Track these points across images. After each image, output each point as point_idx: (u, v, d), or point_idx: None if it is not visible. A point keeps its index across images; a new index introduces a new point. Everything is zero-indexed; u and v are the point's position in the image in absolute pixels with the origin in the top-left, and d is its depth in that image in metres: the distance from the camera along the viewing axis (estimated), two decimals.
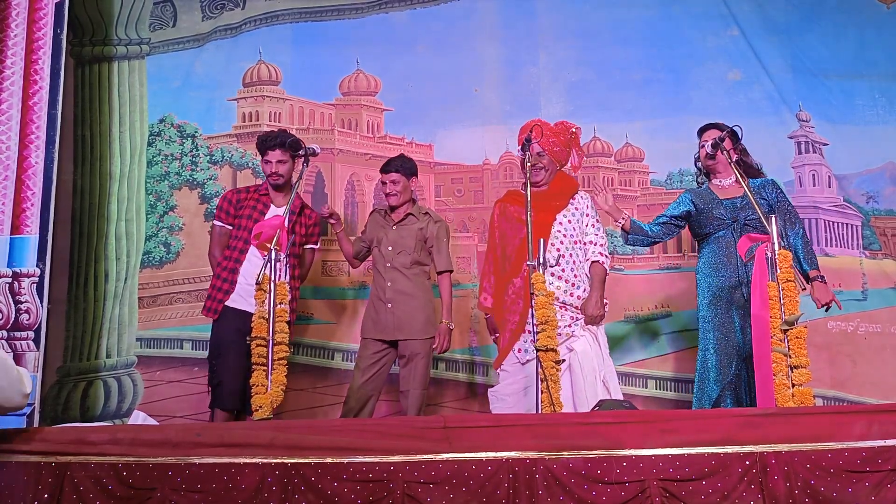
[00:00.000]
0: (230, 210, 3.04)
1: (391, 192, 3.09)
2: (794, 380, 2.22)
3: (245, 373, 2.85)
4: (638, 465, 1.89)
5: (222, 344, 2.94)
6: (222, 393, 2.86)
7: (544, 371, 2.31)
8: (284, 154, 2.98)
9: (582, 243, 2.81)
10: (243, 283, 2.95)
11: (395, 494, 1.88)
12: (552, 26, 3.97)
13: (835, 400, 3.47)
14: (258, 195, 3.05)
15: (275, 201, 3.03)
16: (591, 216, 2.90)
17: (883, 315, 3.59)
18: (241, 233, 2.99)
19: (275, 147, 2.98)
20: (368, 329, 3.08)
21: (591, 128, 3.90)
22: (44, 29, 3.46)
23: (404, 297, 3.03)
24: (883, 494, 1.83)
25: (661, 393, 3.60)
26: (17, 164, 3.32)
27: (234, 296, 2.95)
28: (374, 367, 3.02)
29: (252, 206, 3.02)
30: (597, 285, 2.82)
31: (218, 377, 2.88)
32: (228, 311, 2.94)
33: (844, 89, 3.83)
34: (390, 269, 3.07)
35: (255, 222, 2.95)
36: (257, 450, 1.96)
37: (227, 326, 2.93)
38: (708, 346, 2.78)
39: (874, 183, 3.78)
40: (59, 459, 1.96)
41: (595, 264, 2.84)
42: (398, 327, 3.01)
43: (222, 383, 2.87)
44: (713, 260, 2.84)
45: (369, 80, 4.01)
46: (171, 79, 4.00)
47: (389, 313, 3.02)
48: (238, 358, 2.85)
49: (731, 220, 2.81)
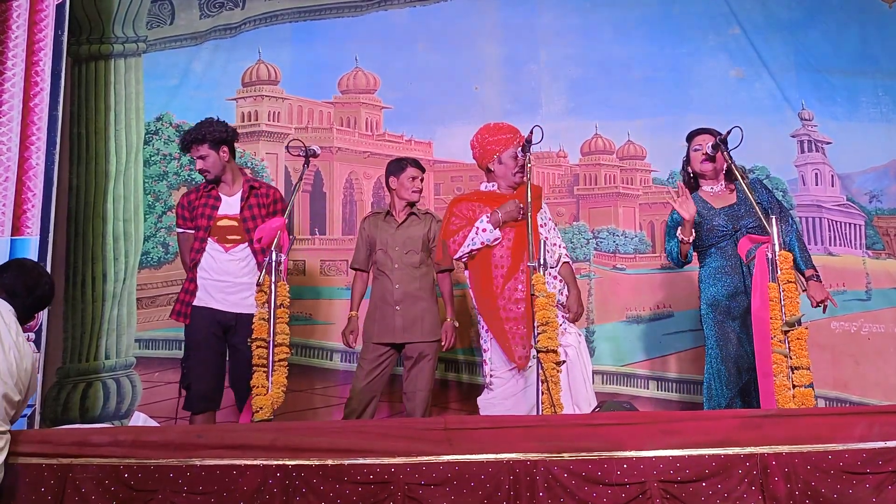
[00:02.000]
0: (185, 214, 3.00)
1: (417, 189, 3.12)
2: (794, 381, 2.21)
3: (218, 372, 2.86)
4: (638, 466, 1.89)
5: (191, 346, 2.90)
6: (192, 397, 2.85)
7: (545, 372, 2.31)
8: (202, 148, 2.91)
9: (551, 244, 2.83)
10: (206, 279, 2.91)
11: (396, 496, 1.89)
12: (553, 23, 3.95)
13: (837, 401, 3.46)
14: (207, 191, 3.00)
15: (223, 191, 2.98)
16: (551, 219, 2.99)
17: (886, 315, 3.57)
18: (199, 232, 2.95)
19: (189, 144, 2.94)
20: (374, 333, 3.05)
21: (592, 125, 3.89)
22: (45, 30, 3.45)
23: (412, 299, 3.01)
24: (884, 496, 1.83)
25: (663, 394, 3.58)
26: (18, 165, 3.31)
27: (199, 294, 2.92)
28: (378, 369, 3.02)
29: (204, 203, 2.97)
30: (574, 283, 2.89)
31: (187, 380, 2.87)
32: (196, 312, 2.91)
33: (848, 86, 3.81)
34: (398, 270, 3.05)
35: (208, 219, 2.92)
36: (258, 451, 1.97)
37: (195, 327, 2.90)
38: (713, 352, 2.77)
39: (878, 181, 3.75)
40: (61, 461, 1.97)
41: (566, 265, 2.89)
42: (406, 329, 3.00)
43: (191, 387, 2.86)
44: (716, 269, 2.79)
45: (368, 77, 4.00)
46: (168, 76, 3.98)
47: (398, 316, 3.00)
48: (209, 358, 2.84)
49: (733, 230, 2.77)
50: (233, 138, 3.01)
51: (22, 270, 2.20)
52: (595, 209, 3.85)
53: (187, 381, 2.88)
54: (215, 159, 2.93)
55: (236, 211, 2.94)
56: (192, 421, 2.87)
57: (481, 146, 2.89)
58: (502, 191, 2.88)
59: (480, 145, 2.90)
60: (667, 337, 3.63)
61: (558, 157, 3.91)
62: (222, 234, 2.91)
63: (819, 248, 3.72)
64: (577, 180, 3.90)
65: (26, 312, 2.18)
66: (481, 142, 2.90)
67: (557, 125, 3.77)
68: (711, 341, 2.76)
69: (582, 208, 3.87)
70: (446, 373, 3.64)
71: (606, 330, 3.68)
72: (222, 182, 2.98)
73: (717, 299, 2.76)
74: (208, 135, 2.92)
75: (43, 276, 2.25)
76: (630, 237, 3.80)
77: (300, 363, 3.61)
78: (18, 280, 2.16)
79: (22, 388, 2.04)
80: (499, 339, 2.72)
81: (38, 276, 2.23)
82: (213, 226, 2.92)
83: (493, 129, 2.90)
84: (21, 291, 2.15)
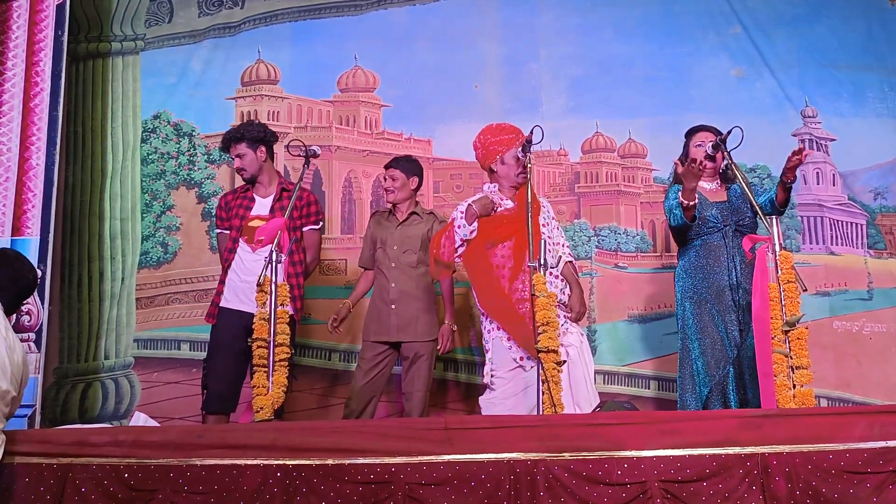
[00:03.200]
0: (223, 214, 3.06)
1: (388, 187, 3.12)
2: (795, 381, 2.21)
3: (237, 375, 2.88)
4: (639, 466, 1.89)
5: (213, 347, 2.94)
6: (210, 396, 2.88)
7: (545, 372, 2.31)
8: (239, 146, 2.97)
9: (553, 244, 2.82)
10: (235, 281, 2.94)
11: (397, 496, 1.88)
12: (553, 22, 3.94)
13: (839, 401, 3.45)
14: (243, 192, 3.06)
15: (258, 192, 3.03)
16: (555, 218, 2.97)
17: (888, 315, 3.55)
18: (232, 232, 3.00)
19: (228, 143, 3.00)
20: (371, 332, 3.07)
21: (592, 124, 3.88)
22: (45, 31, 3.44)
23: (408, 298, 3.02)
24: (884, 496, 1.83)
25: (664, 394, 3.57)
26: (18, 165, 3.31)
27: (225, 295, 2.95)
28: (376, 368, 3.02)
29: (239, 205, 3.02)
30: (577, 283, 2.87)
31: (207, 381, 2.90)
32: (222, 313, 2.95)
33: (854, 81, 3.77)
34: (395, 269, 3.06)
35: (241, 219, 2.97)
36: (259, 451, 1.96)
37: (219, 328, 2.94)
38: (694, 347, 2.75)
39: (883, 178, 3.72)
40: (60, 461, 1.97)
41: (569, 264, 2.88)
42: (402, 329, 3.01)
43: (209, 388, 2.88)
44: (699, 263, 2.78)
45: (367, 76, 3.99)
46: (166, 75, 3.98)
47: (393, 315, 3.01)
48: (228, 360, 2.86)
49: (723, 224, 2.77)
50: (271, 140, 3.05)
51: (4, 262, 2.14)
52: (596, 207, 3.85)
53: (206, 383, 2.90)
54: (252, 158, 2.99)
55: (267, 212, 2.97)
56: (204, 420, 2.89)
57: (484, 147, 2.88)
58: (504, 192, 2.87)
59: (483, 146, 2.88)
60: (668, 336, 3.63)
61: (559, 156, 3.90)
62: (252, 235, 2.91)
63: (821, 247, 3.71)
64: (578, 178, 3.89)
65: (11, 304, 2.13)
66: (484, 142, 2.88)
67: (558, 124, 3.76)
68: (694, 335, 2.74)
69: (583, 206, 3.86)
70: (445, 372, 3.64)
71: (608, 329, 3.67)
72: (258, 183, 3.03)
73: (707, 291, 2.73)
74: (247, 133, 2.98)
75: (25, 266, 2.18)
76: (632, 235, 3.80)
77: (300, 363, 3.61)
78: (1, 272, 2.10)
79: (16, 384, 2.00)
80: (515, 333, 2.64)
81: (21, 266, 2.16)
82: (245, 226, 2.96)
83: (496, 130, 2.89)
84: (5, 283, 2.09)
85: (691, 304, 2.76)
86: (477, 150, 2.92)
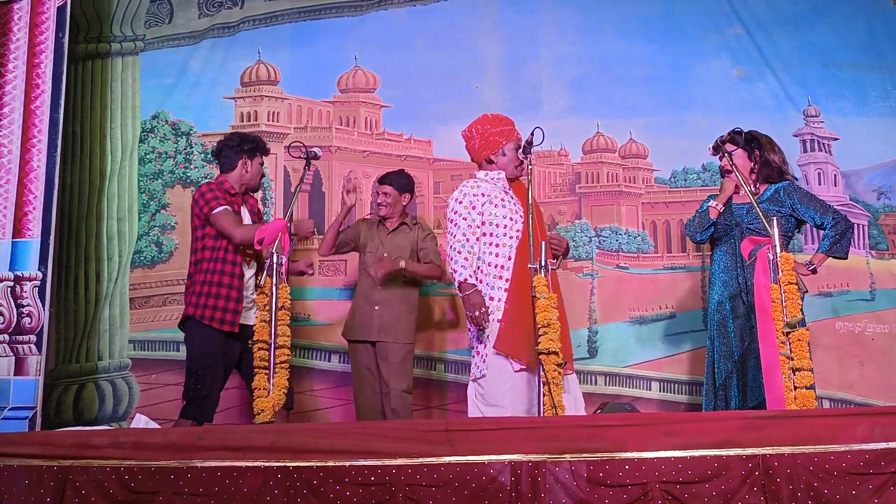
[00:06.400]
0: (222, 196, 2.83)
1: (382, 202, 3.25)
2: (796, 382, 2.21)
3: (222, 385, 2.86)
4: (640, 467, 1.88)
5: (212, 356, 2.77)
6: (206, 406, 2.77)
7: (546, 374, 2.31)
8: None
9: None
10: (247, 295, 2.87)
11: (398, 497, 1.88)
12: (554, 22, 3.94)
13: (842, 402, 3.44)
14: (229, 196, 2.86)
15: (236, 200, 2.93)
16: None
17: (891, 316, 3.54)
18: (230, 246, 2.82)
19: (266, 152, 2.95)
20: (350, 330, 3.18)
21: (593, 124, 3.87)
22: (46, 33, 3.44)
23: (393, 302, 3.14)
24: (886, 497, 1.82)
25: (665, 395, 3.57)
26: (19, 167, 3.31)
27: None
28: (365, 369, 3.14)
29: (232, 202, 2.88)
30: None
31: (206, 389, 2.75)
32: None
33: (856, 81, 3.76)
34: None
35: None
36: (259, 453, 1.96)
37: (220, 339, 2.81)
38: (708, 351, 2.80)
39: (887, 178, 3.71)
40: (61, 463, 1.97)
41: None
42: (382, 329, 3.12)
43: (210, 396, 2.76)
44: (723, 264, 2.82)
45: (368, 76, 3.99)
46: (165, 75, 3.97)
47: (376, 315, 3.13)
48: (220, 371, 2.82)
49: (734, 225, 2.78)
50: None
51: None
52: (597, 207, 3.84)
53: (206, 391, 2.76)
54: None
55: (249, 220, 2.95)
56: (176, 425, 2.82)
57: (483, 137, 2.78)
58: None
59: (481, 136, 2.78)
60: (669, 338, 3.62)
61: (559, 156, 3.90)
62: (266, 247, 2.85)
63: None
64: (579, 178, 3.89)
65: None
66: (483, 132, 2.78)
67: (558, 124, 3.76)
68: (708, 341, 2.80)
69: (584, 206, 3.86)
70: (444, 373, 3.64)
71: (609, 330, 3.67)
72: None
73: (721, 300, 2.79)
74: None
75: None
76: (633, 236, 3.79)
77: (299, 364, 3.61)
78: None
79: None
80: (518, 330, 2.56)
81: None
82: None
83: (494, 121, 2.82)
84: None
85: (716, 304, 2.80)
86: (473, 141, 2.81)
